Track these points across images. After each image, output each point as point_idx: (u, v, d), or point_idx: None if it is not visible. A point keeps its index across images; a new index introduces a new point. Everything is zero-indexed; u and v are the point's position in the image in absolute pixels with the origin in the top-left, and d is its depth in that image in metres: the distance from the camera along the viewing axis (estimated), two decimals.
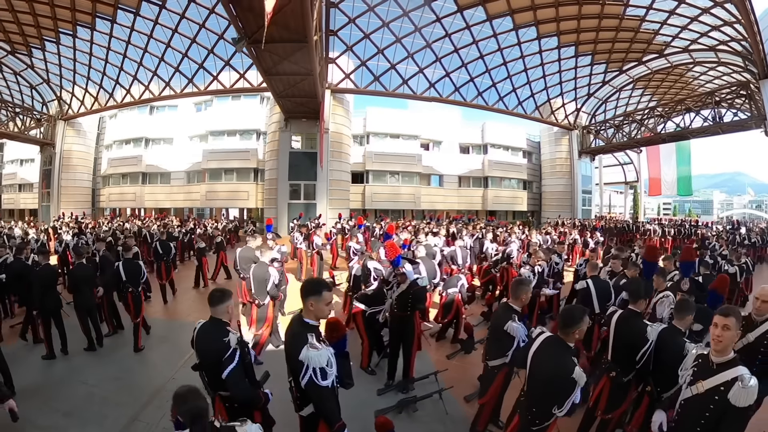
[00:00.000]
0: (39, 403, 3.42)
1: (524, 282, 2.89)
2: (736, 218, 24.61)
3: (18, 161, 23.31)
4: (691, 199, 53.63)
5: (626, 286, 3.41)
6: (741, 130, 16.75)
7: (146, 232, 11.14)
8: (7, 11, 13.84)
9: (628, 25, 16.22)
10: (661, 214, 46.60)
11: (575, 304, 3.77)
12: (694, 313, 2.54)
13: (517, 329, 2.68)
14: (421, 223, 13.43)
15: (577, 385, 1.95)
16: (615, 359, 2.66)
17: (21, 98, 18.70)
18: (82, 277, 4.60)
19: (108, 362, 4.34)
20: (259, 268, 4.40)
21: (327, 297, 2.06)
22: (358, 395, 3.59)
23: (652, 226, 15.07)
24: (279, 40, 10.19)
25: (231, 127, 21.05)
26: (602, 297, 4.10)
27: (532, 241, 8.27)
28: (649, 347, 2.45)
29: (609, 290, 4.14)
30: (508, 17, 16.15)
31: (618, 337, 2.68)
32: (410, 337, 3.84)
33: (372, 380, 4.00)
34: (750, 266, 7.37)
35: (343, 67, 17.68)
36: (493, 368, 2.87)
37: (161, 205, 22.10)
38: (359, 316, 4.11)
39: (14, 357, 4.01)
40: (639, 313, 2.70)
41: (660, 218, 27.22)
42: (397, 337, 3.85)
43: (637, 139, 20.23)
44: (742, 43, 14.65)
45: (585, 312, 2.12)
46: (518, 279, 2.89)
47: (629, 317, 2.68)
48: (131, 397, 3.57)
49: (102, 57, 17.26)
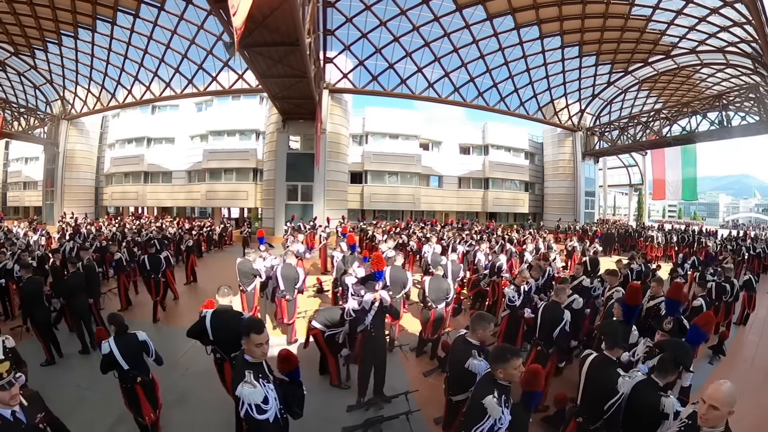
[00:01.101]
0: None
1: (484, 318, 2.70)
2: (743, 223, 23.87)
3: (23, 159, 23.80)
4: (696, 201, 52.35)
5: (602, 329, 3.06)
6: (750, 134, 16.20)
7: (145, 232, 11.26)
8: (9, 14, 14.03)
9: (633, 25, 15.76)
10: (666, 217, 45.57)
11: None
12: (676, 374, 2.40)
13: (478, 366, 2.57)
14: (416, 227, 13.30)
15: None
16: (583, 404, 2.51)
17: (25, 98, 19.03)
18: (76, 285, 4.88)
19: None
20: (287, 269, 5.18)
21: (254, 339, 2.11)
22: (328, 412, 3.67)
23: (653, 233, 14.57)
24: (271, 43, 10.19)
25: (231, 127, 21.16)
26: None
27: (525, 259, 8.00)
28: (619, 399, 2.27)
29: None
30: (509, 16, 15.82)
31: (589, 382, 2.51)
32: (381, 355, 3.83)
33: (344, 396, 3.98)
34: (753, 282, 6.99)
35: (342, 66, 17.57)
36: (457, 402, 2.80)
37: (163, 204, 22.38)
38: (319, 335, 4.06)
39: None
40: (613, 361, 2.49)
41: (662, 222, 26.61)
42: (368, 356, 3.81)
43: (642, 141, 19.74)
44: (752, 44, 14.12)
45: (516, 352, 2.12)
46: (478, 313, 2.75)
47: (603, 364, 2.49)
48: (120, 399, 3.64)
49: (103, 58, 17.45)
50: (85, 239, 9.97)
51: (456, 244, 9.13)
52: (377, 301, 3.64)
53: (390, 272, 4.94)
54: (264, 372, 2.17)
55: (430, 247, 8.63)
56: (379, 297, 3.63)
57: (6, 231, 11.76)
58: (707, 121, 17.05)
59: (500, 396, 1.98)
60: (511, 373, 2.04)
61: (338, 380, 4.18)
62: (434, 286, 4.69)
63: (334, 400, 3.88)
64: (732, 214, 58.08)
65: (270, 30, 9.51)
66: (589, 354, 2.62)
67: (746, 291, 6.86)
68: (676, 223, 28.04)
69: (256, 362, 2.15)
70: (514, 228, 14.81)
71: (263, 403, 2.02)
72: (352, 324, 3.83)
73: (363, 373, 3.82)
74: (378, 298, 3.63)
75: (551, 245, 10.29)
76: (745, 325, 6.90)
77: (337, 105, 18.23)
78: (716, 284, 6.18)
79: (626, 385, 2.27)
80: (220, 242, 14.53)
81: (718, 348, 5.42)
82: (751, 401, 4.03)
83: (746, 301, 6.90)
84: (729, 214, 59.51)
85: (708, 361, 5.32)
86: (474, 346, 2.64)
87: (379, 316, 3.73)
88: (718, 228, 21.56)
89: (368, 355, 3.77)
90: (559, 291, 3.79)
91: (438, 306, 4.68)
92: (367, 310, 3.65)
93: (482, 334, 2.63)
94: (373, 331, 3.70)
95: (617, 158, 25.03)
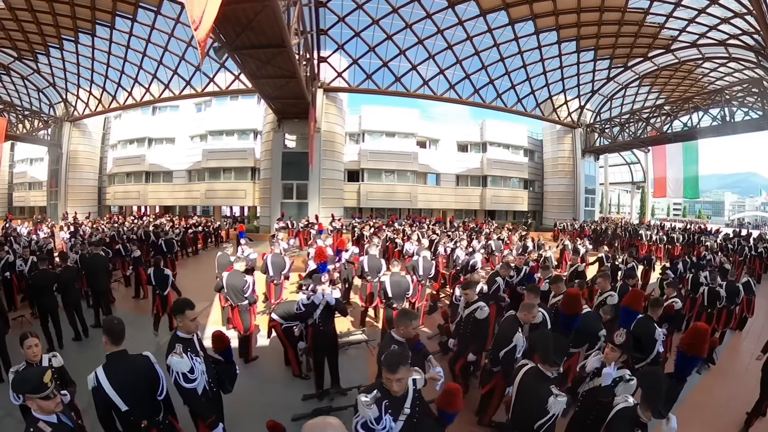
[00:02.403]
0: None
1: (407, 315, 2.69)
2: (749, 222, 23.20)
3: (28, 160, 24.50)
4: (701, 200, 50.94)
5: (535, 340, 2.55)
6: (753, 130, 15.73)
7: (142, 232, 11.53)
8: (12, 20, 14.46)
9: (631, 18, 15.43)
10: (671, 215, 44.51)
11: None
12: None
13: None
14: (407, 225, 13.32)
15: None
16: (514, 420, 2.33)
17: (29, 101, 19.60)
18: (69, 279, 5.44)
19: (91, 350, 4.95)
20: (276, 258, 5.95)
21: (189, 315, 2.40)
22: (287, 400, 3.81)
23: (644, 231, 14.20)
24: (258, 45, 10.36)
25: (229, 127, 21.43)
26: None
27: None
28: (550, 421, 2.06)
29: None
30: (503, 12, 15.63)
31: (519, 396, 2.32)
32: (331, 349, 3.92)
33: (304, 386, 4.11)
34: (753, 285, 6.47)
35: (336, 65, 17.62)
36: None
37: (164, 203, 22.81)
38: (278, 327, 4.16)
39: (15, 345, 4.60)
40: (546, 377, 2.23)
41: (663, 221, 25.97)
42: (321, 350, 3.90)
43: (643, 138, 19.33)
44: (754, 36, 13.69)
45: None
46: (402, 310, 2.77)
47: (536, 378, 2.24)
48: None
49: (104, 61, 17.86)
50: (83, 237, 10.37)
51: (438, 242, 9.12)
52: (324, 294, 3.71)
53: (367, 261, 5.79)
54: (194, 347, 2.41)
55: (412, 244, 8.69)
56: (323, 291, 3.70)
57: (10, 230, 12.17)
58: (709, 116, 16.60)
59: (380, 400, 1.86)
60: (391, 385, 1.88)
61: (299, 371, 4.32)
62: (395, 283, 4.71)
63: (293, 390, 4.02)
64: (738, 213, 56.41)
65: (256, 33, 9.69)
66: (525, 364, 2.41)
67: (745, 294, 6.34)
68: (680, 221, 27.39)
69: (187, 338, 2.42)
70: (505, 227, 14.67)
71: (189, 373, 2.25)
72: (300, 318, 3.91)
73: (316, 366, 3.92)
74: (325, 291, 3.70)
75: (541, 243, 10.21)
76: (742, 330, 6.54)
77: (331, 104, 18.29)
78: (709, 289, 5.73)
79: (557, 406, 2.04)
80: (216, 240, 14.79)
81: (708, 356, 5.14)
82: (741, 417, 3.75)
83: (745, 305, 6.47)
84: (735, 213, 57.81)
85: (695, 370, 5.09)
86: (397, 342, 2.65)
87: (327, 310, 3.79)
88: (720, 226, 20.92)
89: (319, 349, 3.86)
90: (526, 306, 3.17)
91: (400, 304, 4.71)
92: (317, 305, 3.72)
93: (404, 331, 2.64)
94: (321, 325, 3.77)
95: (619, 155, 24.57)
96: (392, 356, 1.90)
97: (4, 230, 11.97)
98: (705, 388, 4.56)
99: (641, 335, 3.32)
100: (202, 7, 5.00)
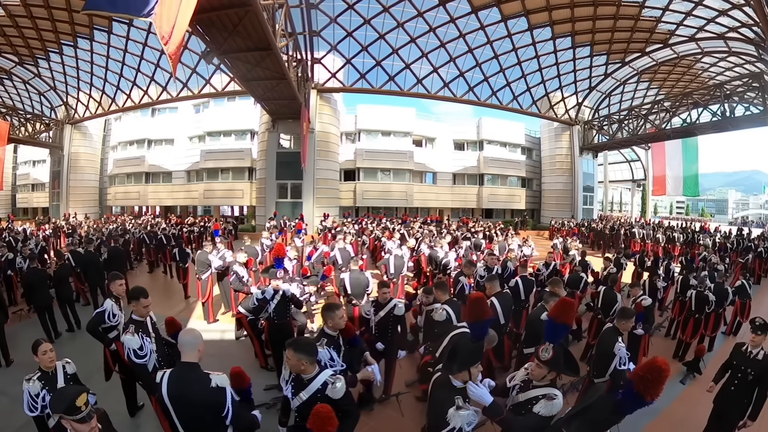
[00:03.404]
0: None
1: (330, 308, 2.70)
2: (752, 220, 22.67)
3: (31, 162, 25.07)
4: (705, 198, 49.96)
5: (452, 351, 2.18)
6: (753, 125, 15.36)
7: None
8: (13, 27, 14.84)
9: (626, 12, 15.19)
10: (674, 213, 43.67)
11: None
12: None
13: (322, 354, 2.60)
14: (396, 223, 13.34)
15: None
16: (429, 428, 2.18)
17: (31, 105, 20.08)
18: (63, 275, 5.94)
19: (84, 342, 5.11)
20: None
21: (143, 302, 2.81)
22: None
23: (636, 229, 13.94)
24: (245, 49, 10.54)
25: (226, 128, 21.66)
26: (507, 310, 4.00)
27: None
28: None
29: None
30: (495, 8, 15.52)
31: (429, 403, 2.18)
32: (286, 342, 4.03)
33: (269, 377, 4.22)
34: (747, 288, 6.12)
35: (330, 66, 17.69)
36: None
37: (164, 203, 23.17)
38: (244, 320, 4.26)
39: (12, 335, 4.98)
40: (452, 386, 2.01)
41: (660, 219, 25.46)
42: (275, 343, 3.98)
43: (641, 134, 19.01)
44: (753, 28, 13.37)
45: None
46: (326, 304, 2.82)
47: (442, 386, 2.05)
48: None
49: (102, 65, 18.22)
50: (81, 237, 10.76)
51: (421, 241, 9.12)
52: (279, 290, 3.77)
53: (339, 252, 6.64)
54: (146, 329, 2.80)
55: (393, 243, 8.71)
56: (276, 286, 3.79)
57: (11, 230, 12.52)
58: (709, 112, 16.26)
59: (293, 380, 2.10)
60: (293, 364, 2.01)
61: (264, 362, 4.42)
62: (354, 279, 4.75)
63: (259, 380, 4.06)
64: (741, 211, 55.02)
65: (242, 37, 9.87)
66: (437, 371, 2.23)
67: (739, 298, 6.02)
68: (676, 220, 26.88)
69: (140, 320, 2.82)
70: (496, 226, 14.57)
71: (139, 350, 2.64)
72: (254, 312, 4.00)
73: (275, 358, 4.04)
74: (278, 287, 3.77)
75: (529, 243, 10.14)
76: (736, 335, 6.04)
77: (325, 104, 18.38)
78: (697, 293, 5.32)
79: (457, 419, 1.85)
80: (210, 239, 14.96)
81: (693, 365, 4.72)
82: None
83: (739, 309, 6.08)
84: (738, 211, 56.38)
85: (680, 380, 4.59)
86: (328, 335, 2.71)
87: (282, 304, 3.86)
88: (719, 224, 20.48)
89: (275, 342, 3.93)
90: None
91: (360, 300, 4.74)
92: (268, 300, 3.80)
93: (333, 323, 2.70)
94: (276, 319, 3.86)
95: (619, 153, 24.20)
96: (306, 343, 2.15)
97: (6, 230, 12.33)
98: (688, 401, 4.11)
99: (604, 350, 3.09)
100: (171, 23, 5.07)
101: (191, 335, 2.05)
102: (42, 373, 2.52)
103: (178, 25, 5.20)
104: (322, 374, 2.04)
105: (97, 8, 5.26)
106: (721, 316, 5.59)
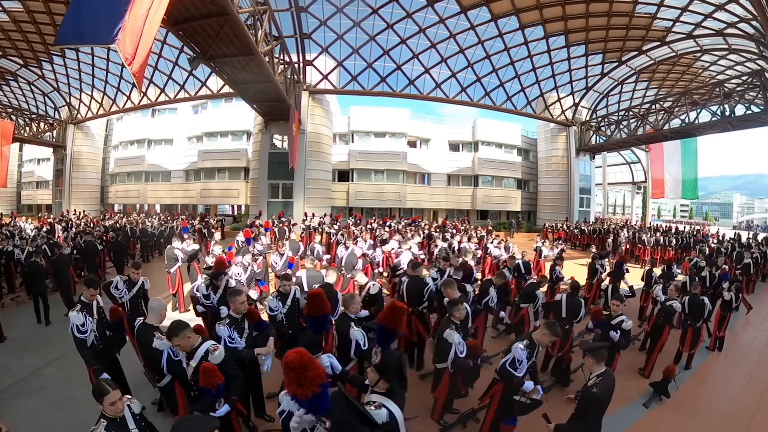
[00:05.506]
0: (21, 350, 4.71)
1: (233, 292, 3.08)
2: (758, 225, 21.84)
3: (35, 160, 26.02)
4: (710, 201, 48.28)
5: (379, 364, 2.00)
6: (753, 125, 14.85)
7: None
8: (17, 31, 15.47)
9: (620, 9, 14.86)
10: (678, 216, 42.38)
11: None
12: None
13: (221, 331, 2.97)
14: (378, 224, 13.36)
15: None
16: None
17: (35, 105, 20.88)
18: (63, 264, 6.60)
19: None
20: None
21: (91, 291, 3.32)
22: None
23: (625, 233, 13.59)
24: (230, 54, 10.83)
25: (223, 129, 22.07)
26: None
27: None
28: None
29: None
30: (484, 7, 15.40)
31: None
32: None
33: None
34: (733, 300, 5.70)
35: (322, 68, 17.83)
36: None
37: (162, 201, 23.73)
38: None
39: (8, 317, 5.74)
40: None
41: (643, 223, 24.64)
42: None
43: (638, 135, 18.57)
44: (752, 23, 12.92)
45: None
46: (231, 289, 3.17)
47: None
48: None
49: (103, 67, 18.82)
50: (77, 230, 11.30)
51: (388, 240, 9.16)
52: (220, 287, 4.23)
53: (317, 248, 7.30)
54: (90, 310, 3.26)
55: (364, 242, 8.77)
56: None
57: (13, 226, 13.03)
58: (708, 111, 15.77)
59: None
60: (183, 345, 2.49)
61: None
62: (311, 277, 4.81)
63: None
64: (746, 215, 52.99)
65: (225, 43, 10.18)
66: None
67: (721, 309, 5.67)
68: (681, 223, 26.08)
69: (87, 303, 3.29)
70: (479, 228, 14.44)
71: (81, 326, 3.11)
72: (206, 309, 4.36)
73: None
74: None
75: (509, 246, 10.02)
76: (720, 350, 5.62)
77: (317, 105, 18.53)
78: (660, 305, 5.13)
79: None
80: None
81: (661, 386, 4.09)
82: None
83: (717, 322, 5.65)
84: (743, 215, 54.35)
85: (642, 402, 3.96)
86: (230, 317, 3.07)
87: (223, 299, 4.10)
88: (719, 228, 19.82)
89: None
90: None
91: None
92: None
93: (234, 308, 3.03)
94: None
95: (619, 155, 23.66)
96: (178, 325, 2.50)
97: (10, 226, 12.89)
98: (647, 427, 3.55)
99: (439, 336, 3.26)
100: (134, 44, 5.24)
101: (157, 303, 2.95)
102: (109, 422, 2.01)
103: (142, 45, 5.36)
104: (205, 344, 2.49)
105: (66, 42, 5.50)
106: (699, 330, 5.03)
